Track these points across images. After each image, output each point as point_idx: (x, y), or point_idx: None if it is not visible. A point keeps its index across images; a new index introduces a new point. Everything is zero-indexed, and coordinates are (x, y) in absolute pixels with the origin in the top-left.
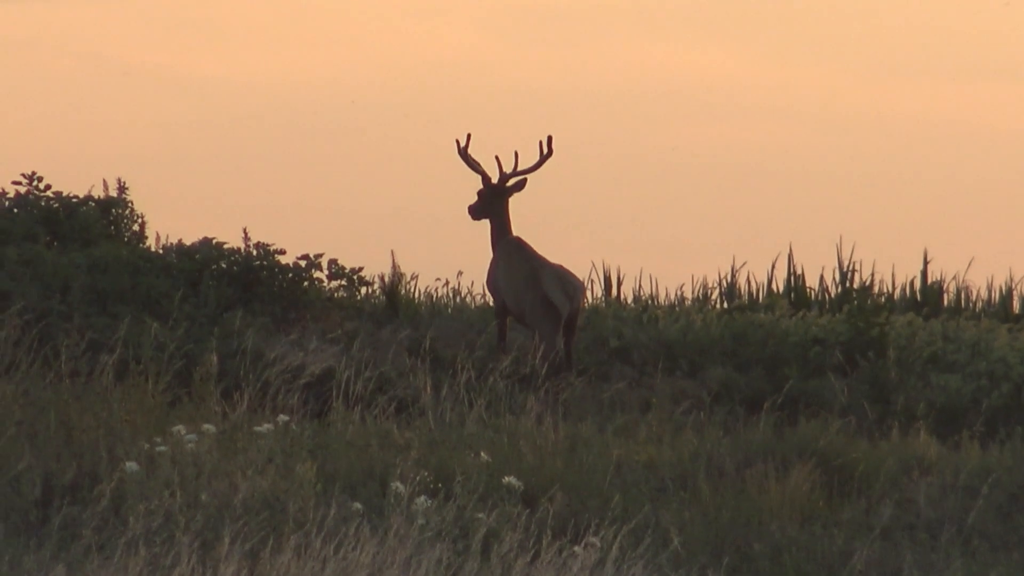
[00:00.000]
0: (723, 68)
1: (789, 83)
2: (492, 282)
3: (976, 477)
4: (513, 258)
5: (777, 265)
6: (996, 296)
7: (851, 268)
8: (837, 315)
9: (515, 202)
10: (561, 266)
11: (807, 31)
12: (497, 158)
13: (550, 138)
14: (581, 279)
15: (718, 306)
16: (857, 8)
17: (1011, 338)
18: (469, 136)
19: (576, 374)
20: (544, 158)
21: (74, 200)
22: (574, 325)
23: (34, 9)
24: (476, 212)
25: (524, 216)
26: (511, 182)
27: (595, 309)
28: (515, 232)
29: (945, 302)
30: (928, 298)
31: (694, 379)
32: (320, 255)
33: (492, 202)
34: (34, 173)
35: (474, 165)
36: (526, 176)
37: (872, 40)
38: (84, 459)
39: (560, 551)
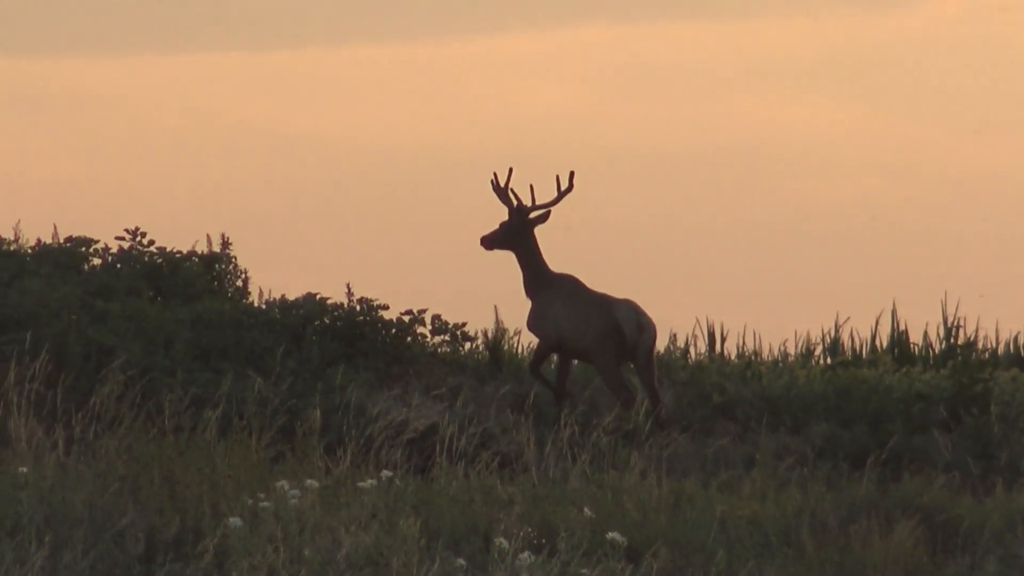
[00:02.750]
0: (827, 123)
1: (893, 138)
2: (543, 321)
3: None
4: (574, 295)
5: (881, 320)
6: None
7: (955, 324)
8: (941, 371)
9: (622, 255)
10: (630, 300)
11: (911, 86)
12: (531, 188)
13: (572, 173)
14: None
15: (822, 362)
16: (962, 62)
17: None
18: (511, 170)
19: (680, 429)
20: (563, 193)
21: (177, 255)
22: (650, 363)
23: (139, 64)
24: (490, 242)
25: (626, 269)
26: (534, 214)
27: (699, 364)
28: (565, 270)
29: None
30: None
31: (798, 435)
32: (423, 310)
33: (515, 234)
34: (137, 228)
35: (508, 201)
36: (549, 209)
37: (977, 95)
38: (187, 514)
39: None
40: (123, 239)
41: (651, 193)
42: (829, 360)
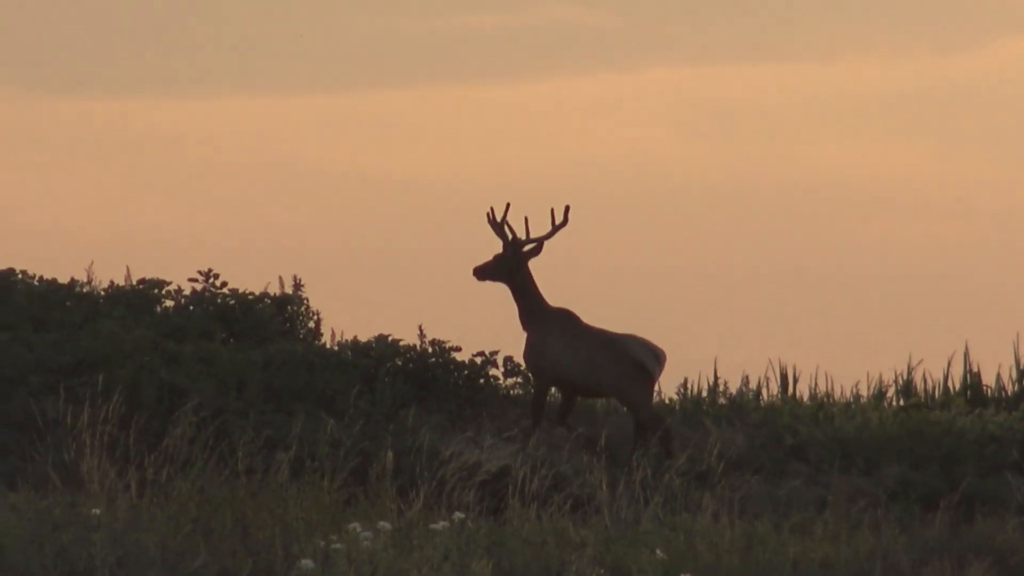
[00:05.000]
0: (898, 165)
1: (964, 179)
2: (538, 355)
3: None
4: (572, 331)
5: (953, 362)
6: None
7: None
8: (1014, 413)
9: (694, 296)
10: (633, 334)
11: (982, 127)
12: (526, 220)
13: (567, 208)
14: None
15: (894, 403)
16: None
17: None
18: (508, 205)
19: (752, 470)
20: (557, 227)
21: (250, 297)
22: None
23: (211, 107)
24: (482, 273)
25: (699, 310)
26: (527, 247)
27: (771, 406)
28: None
29: None
30: None
31: (870, 476)
32: (495, 352)
33: (508, 266)
34: (210, 270)
35: (503, 234)
36: (541, 242)
37: None
38: (260, 556)
39: None
40: (196, 281)
41: (723, 234)
42: (902, 402)
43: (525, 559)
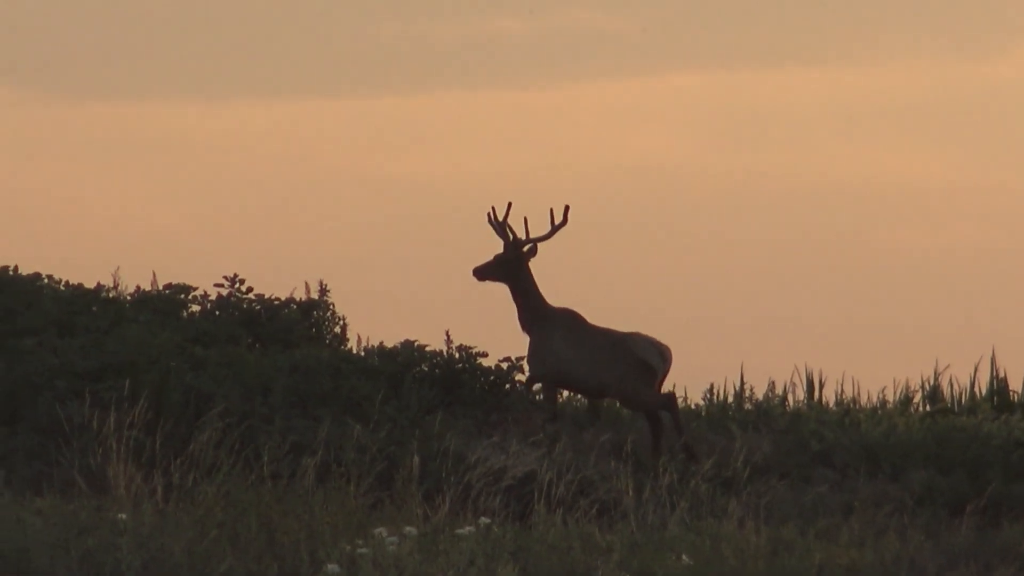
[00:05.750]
0: (924, 170)
1: (993, 185)
2: (542, 356)
3: None
4: (577, 331)
5: (980, 368)
6: None
7: None
8: None
9: (719, 302)
10: (639, 332)
11: (1011, 132)
12: (525, 220)
13: (566, 208)
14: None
15: (920, 409)
16: None
17: None
18: (510, 205)
19: (778, 476)
20: (556, 227)
21: (276, 302)
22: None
23: (236, 111)
24: (482, 273)
25: (724, 316)
26: (526, 247)
27: (797, 412)
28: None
29: None
30: None
31: (896, 482)
32: (522, 358)
33: (508, 266)
34: (236, 275)
35: (504, 235)
36: (537, 243)
37: None
38: (286, 561)
39: None
40: (221, 286)
41: (748, 239)
42: (928, 407)
43: (551, 564)
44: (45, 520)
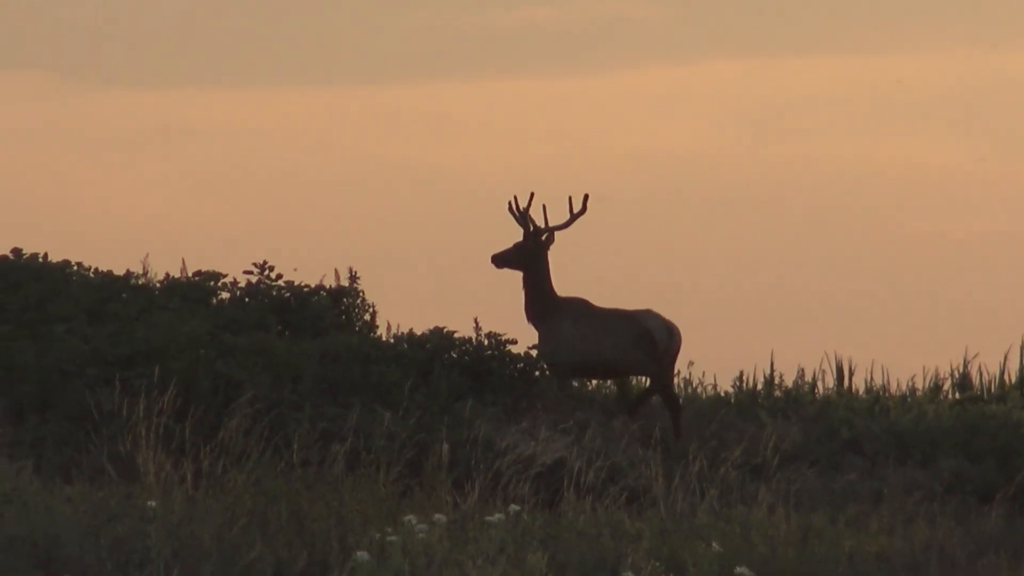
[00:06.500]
0: (953, 159)
1: (1018, 174)
2: (555, 346)
3: None
4: (586, 315)
5: (1010, 356)
6: None
7: None
8: None
9: (750, 290)
10: (648, 309)
11: None
12: (544, 208)
13: (585, 196)
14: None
15: (950, 397)
16: None
17: None
18: (532, 195)
19: (808, 463)
20: (575, 215)
21: (305, 289)
22: (672, 372)
23: (266, 98)
24: (501, 260)
25: (755, 304)
26: (544, 236)
27: (827, 399)
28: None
29: None
30: None
31: (926, 470)
32: None
33: (528, 255)
34: (265, 262)
35: (525, 224)
36: (554, 232)
37: None
38: (315, 548)
39: None
40: (251, 273)
41: (777, 228)
42: (958, 395)
43: (580, 551)
44: (75, 507)
